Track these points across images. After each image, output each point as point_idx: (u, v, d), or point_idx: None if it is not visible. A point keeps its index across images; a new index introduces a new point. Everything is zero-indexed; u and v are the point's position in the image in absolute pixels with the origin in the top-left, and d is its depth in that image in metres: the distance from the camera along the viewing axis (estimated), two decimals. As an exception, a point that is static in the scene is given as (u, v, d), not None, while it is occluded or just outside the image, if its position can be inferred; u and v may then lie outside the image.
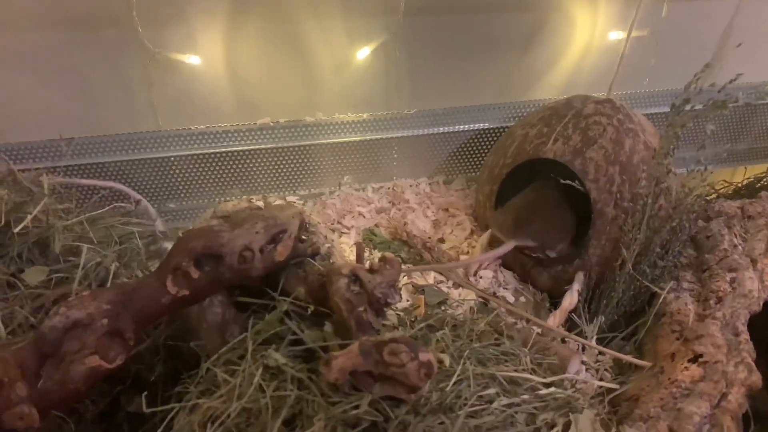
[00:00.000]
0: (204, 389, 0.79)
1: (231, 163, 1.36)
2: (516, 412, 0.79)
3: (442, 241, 1.34)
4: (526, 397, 0.82)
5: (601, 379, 0.98)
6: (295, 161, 1.41)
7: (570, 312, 1.10)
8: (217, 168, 1.36)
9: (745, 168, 1.63)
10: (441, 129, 1.46)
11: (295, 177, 1.43)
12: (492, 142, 1.49)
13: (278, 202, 1.11)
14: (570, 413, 0.81)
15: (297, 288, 0.87)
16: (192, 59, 1.26)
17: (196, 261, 0.79)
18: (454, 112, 1.45)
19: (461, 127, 1.47)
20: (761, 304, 1.01)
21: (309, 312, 0.83)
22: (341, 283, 0.80)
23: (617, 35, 1.46)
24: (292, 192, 1.46)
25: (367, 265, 0.89)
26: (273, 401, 0.71)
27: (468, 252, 1.30)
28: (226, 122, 1.34)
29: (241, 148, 1.35)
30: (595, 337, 1.05)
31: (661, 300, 1.04)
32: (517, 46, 1.45)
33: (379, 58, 1.39)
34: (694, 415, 0.83)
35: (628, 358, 1.00)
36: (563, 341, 1.05)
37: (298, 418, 0.71)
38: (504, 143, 1.29)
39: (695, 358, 0.94)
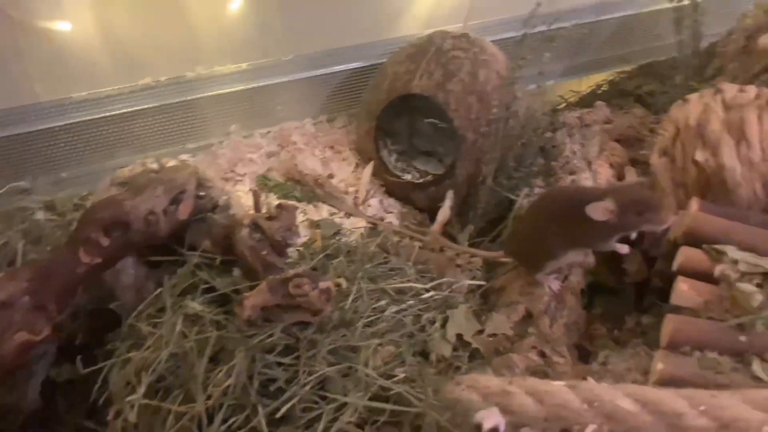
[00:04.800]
0: (131, 344, 0.87)
1: (117, 125, 1.36)
2: (404, 316, 0.95)
3: (331, 176, 1.43)
4: (411, 302, 0.98)
5: (473, 278, 1.15)
6: (180, 116, 1.42)
7: (445, 225, 1.27)
8: (104, 132, 1.35)
9: (588, 78, 1.83)
10: (319, 71, 1.51)
11: (183, 132, 1.45)
12: (368, 79, 1.56)
13: (172, 163, 1.17)
14: (447, 310, 0.99)
15: (203, 241, 0.95)
16: (62, 25, 1.23)
17: (104, 229, 0.85)
18: (329, 54, 1.51)
19: (337, 67, 1.53)
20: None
21: (217, 262, 0.93)
22: (243, 232, 0.90)
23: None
24: (181, 146, 1.47)
25: (264, 211, 0.99)
26: (197, 344, 0.81)
27: (355, 184, 1.42)
28: (106, 86, 1.32)
29: (125, 110, 1.35)
30: (467, 243, 1.23)
31: (517, 206, 1.23)
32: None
33: (251, 3, 1.40)
34: (544, 296, 1.04)
35: (492, 254, 1.17)
36: (441, 250, 1.22)
37: (221, 354, 0.81)
38: (378, 81, 1.39)
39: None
